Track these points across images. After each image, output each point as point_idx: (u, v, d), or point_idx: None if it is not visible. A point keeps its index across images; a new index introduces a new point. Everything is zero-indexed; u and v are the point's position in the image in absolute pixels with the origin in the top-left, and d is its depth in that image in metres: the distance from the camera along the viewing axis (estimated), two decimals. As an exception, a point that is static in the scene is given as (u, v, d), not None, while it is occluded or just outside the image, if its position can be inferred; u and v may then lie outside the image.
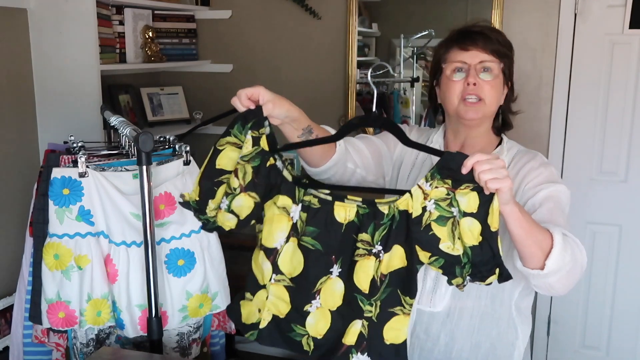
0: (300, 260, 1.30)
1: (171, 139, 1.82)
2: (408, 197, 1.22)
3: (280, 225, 1.30)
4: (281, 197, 1.30)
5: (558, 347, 2.97)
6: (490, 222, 1.15)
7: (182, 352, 1.75)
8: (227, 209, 1.29)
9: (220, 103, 3.17)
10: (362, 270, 1.25)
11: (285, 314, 1.32)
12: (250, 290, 1.36)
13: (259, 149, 1.28)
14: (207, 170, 1.31)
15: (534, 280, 1.26)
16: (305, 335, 1.31)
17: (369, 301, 1.25)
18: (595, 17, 2.64)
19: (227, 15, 3.16)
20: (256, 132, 1.28)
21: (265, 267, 1.32)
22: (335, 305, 1.29)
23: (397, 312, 1.26)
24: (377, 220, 1.25)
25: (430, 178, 1.20)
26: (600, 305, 2.88)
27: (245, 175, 1.27)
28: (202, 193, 1.31)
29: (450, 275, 1.21)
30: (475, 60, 1.43)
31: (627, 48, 2.63)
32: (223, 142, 1.31)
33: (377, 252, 1.24)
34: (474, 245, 1.16)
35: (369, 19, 3.00)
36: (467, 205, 1.16)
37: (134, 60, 2.79)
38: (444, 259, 1.19)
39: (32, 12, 2.35)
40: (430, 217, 1.20)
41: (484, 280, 1.19)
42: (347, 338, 1.27)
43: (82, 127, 2.34)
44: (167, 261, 1.66)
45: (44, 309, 1.61)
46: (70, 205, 1.58)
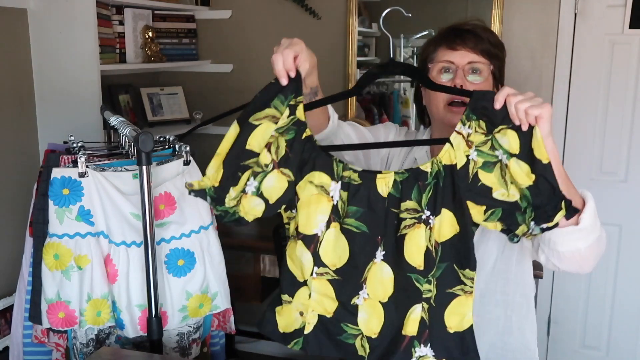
0: (345, 248, 1.14)
1: (171, 139, 1.82)
2: (448, 147, 1.09)
3: (320, 207, 1.12)
4: (317, 174, 1.12)
5: (558, 347, 2.97)
6: (539, 156, 1.03)
7: (182, 352, 1.75)
8: (256, 192, 1.11)
9: (220, 103, 3.18)
10: (412, 242, 1.10)
11: (332, 312, 1.16)
12: (287, 291, 1.18)
13: (294, 119, 1.11)
14: (234, 151, 1.10)
15: (563, 244, 1.14)
16: (358, 335, 1.15)
17: (426, 278, 1.10)
18: (595, 17, 2.64)
19: (227, 15, 3.16)
20: (294, 99, 1.11)
21: (305, 259, 1.15)
22: (386, 296, 1.13)
23: (457, 292, 1.11)
24: (420, 181, 1.10)
25: (466, 120, 1.09)
26: (600, 305, 2.88)
27: (279, 150, 1.10)
28: (223, 178, 1.10)
29: (513, 226, 1.07)
30: (463, 60, 1.36)
31: (627, 48, 2.63)
32: (260, 115, 1.10)
33: (427, 217, 1.10)
34: (529, 186, 1.04)
35: (369, 19, 3.00)
36: (510, 145, 1.05)
37: (134, 60, 2.79)
38: (501, 208, 1.07)
39: (32, 12, 2.35)
40: (476, 165, 1.08)
41: (551, 220, 1.05)
42: (407, 328, 1.11)
43: (82, 127, 2.33)
44: (167, 261, 1.66)
45: (44, 309, 1.61)
46: (70, 205, 1.58)
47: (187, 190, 1.12)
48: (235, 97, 3.14)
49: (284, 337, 1.20)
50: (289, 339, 1.19)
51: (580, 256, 1.16)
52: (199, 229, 1.70)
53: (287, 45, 1.11)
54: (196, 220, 1.69)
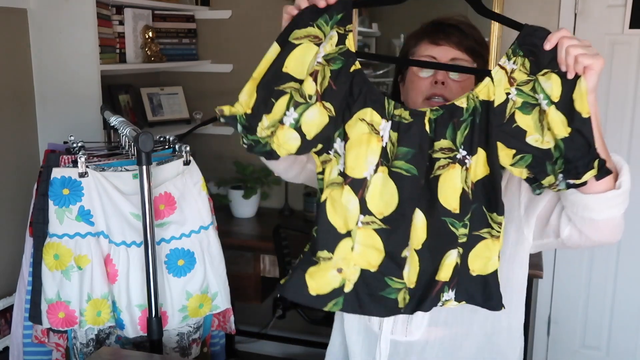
0: (394, 194, 1.03)
1: (171, 139, 1.82)
2: (488, 82, 1.01)
3: (370, 147, 1.03)
4: (370, 111, 1.03)
5: (558, 347, 2.97)
6: (579, 108, 0.96)
7: (182, 352, 1.75)
8: (295, 125, 1.01)
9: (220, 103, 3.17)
10: (447, 184, 1.02)
11: (377, 266, 1.05)
12: (325, 247, 1.05)
13: (344, 49, 1.02)
14: (269, 74, 1.01)
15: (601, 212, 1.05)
16: (402, 288, 1.06)
17: (462, 222, 1.03)
18: (595, 17, 2.64)
19: (227, 15, 3.16)
20: (342, 28, 1.02)
21: (351, 207, 1.03)
22: (420, 243, 1.04)
23: (484, 235, 1.05)
24: (455, 118, 1.02)
25: (512, 54, 1.00)
26: (600, 305, 2.88)
27: (324, 80, 1.01)
28: (256, 104, 1.01)
29: (540, 175, 1.00)
30: (446, 56, 1.27)
31: (627, 48, 2.63)
32: (300, 34, 1.01)
33: (462, 157, 1.02)
34: (564, 138, 0.97)
35: (369, 19, 3.00)
36: (552, 90, 0.97)
37: (134, 60, 2.79)
38: (531, 155, 1.00)
39: (32, 12, 2.35)
40: (514, 105, 1.00)
41: (580, 178, 0.97)
42: (441, 273, 1.04)
43: (82, 127, 2.34)
44: (167, 261, 1.66)
45: (44, 309, 1.61)
46: (70, 205, 1.58)
47: (217, 115, 1.04)
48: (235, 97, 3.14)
49: (318, 299, 1.07)
50: (326, 301, 1.06)
51: (615, 224, 1.11)
52: (199, 229, 1.70)
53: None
54: (196, 220, 1.69)
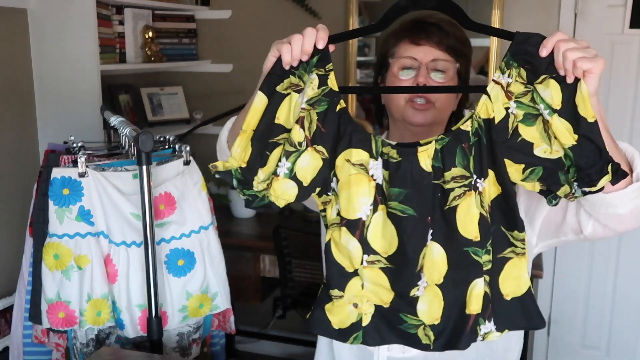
0: (393, 233, 1.02)
1: (171, 139, 1.82)
2: (485, 99, 0.98)
3: (360, 188, 1.01)
4: (355, 151, 1.01)
5: (558, 347, 2.98)
6: (584, 113, 0.92)
7: (182, 352, 1.75)
8: (289, 174, 1.01)
9: (220, 103, 3.18)
10: (465, 212, 0.99)
11: (389, 302, 1.05)
12: (336, 286, 1.05)
13: (327, 89, 1.00)
14: (262, 127, 0.99)
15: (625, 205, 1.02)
16: (420, 325, 1.05)
17: (484, 249, 1.00)
18: (595, 17, 2.64)
19: (227, 15, 3.16)
20: (322, 69, 1.00)
21: (352, 247, 1.02)
22: (441, 276, 1.02)
23: (509, 255, 1.01)
24: (463, 143, 0.99)
25: (505, 67, 0.97)
26: (600, 305, 2.88)
27: (311, 124, 0.99)
28: (251, 158, 1.00)
29: (554, 186, 0.97)
30: (427, 57, 1.23)
31: (627, 48, 2.64)
32: (286, 84, 1.00)
33: (474, 182, 0.99)
34: (573, 145, 0.93)
35: (369, 19, 3.00)
36: (552, 98, 0.94)
37: (134, 60, 2.79)
38: (542, 167, 0.96)
39: (32, 12, 2.35)
40: (516, 119, 0.96)
41: (595, 185, 0.94)
42: (471, 306, 1.01)
43: (82, 127, 2.34)
44: (167, 261, 1.66)
45: (44, 309, 1.61)
46: (70, 205, 1.58)
47: (212, 171, 1.03)
48: (235, 97, 3.15)
49: (340, 334, 1.07)
50: (347, 335, 1.07)
51: (639, 211, 1.06)
52: (199, 229, 1.70)
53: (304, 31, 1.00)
54: (196, 220, 1.69)
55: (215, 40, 3.20)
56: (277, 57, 1.00)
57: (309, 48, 0.98)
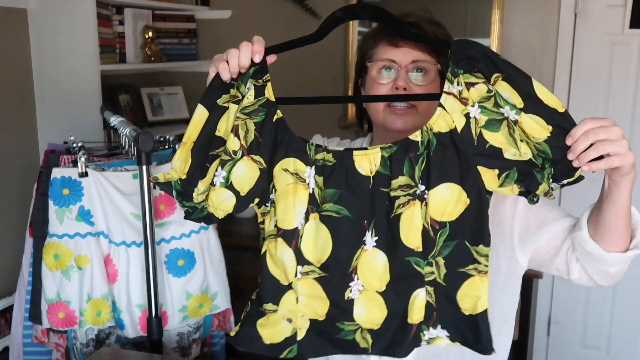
0: (327, 238, 1.01)
1: (171, 139, 1.82)
2: (441, 112, 0.97)
3: (297, 197, 1.01)
4: (292, 160, 1.01)
5: (558, 347, 2.98)
6: (553, 105, 0.94)
7: (182, 352, 1.75)
8: (225, 184, 1.01)
9: (220, 103, 3.18)
10: (408, 222, 0.99)
11: (325, 314, 1.04)
12: (270, 300, 1.05)
13: (263, 100, 1.01)
14: (202, 139, 1.01)
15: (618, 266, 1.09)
16: (357, 329, 1.04)
17: (426, 260, 1.00)
18: (595, 17, 2.64)
19: (227, 15, 3.16)
20: (260, 80, 1.01)
21: (286, 259, 1.03)
22: (383, 284, 1.02)
23: (470, 272, 1.01)
24: (411, 153, 0.99)
25: (452, 76, 0.97)
26: (600, 305, 2.88)
27: (248, 134, 1.00)
28: (191, 170, 1.01)
29: (532, 186, 0.97)
30: (406, 59, 1.19)
31: (627, 48, 2.64)
32: (226, 97, 1.02)
33: (421, 193, 0.99)
34: (547, 138, 0.94)
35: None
36: (513, 99, 0.94)
37: (134, 60, 2.79)
38: (515, 169, 0.96)
39: (32, 12, 2.35)
40: (478, 124, 0.96)
41: (573, 176, 0.96)
42: (412, 316, 1.02)
43: (82, 127, 2.33)
44: (167, 261, 1.66)
45: (44, 309, 1.61)
46: (70, 205, 1.58)
47: (152, 183, 1.04)
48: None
49: (271, 348, 1.06)
50: (281, 349, 1.06)
51: (623, 273, 1.15)
52: (199, 229, 1.70)
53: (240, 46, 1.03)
54: (196, 220, 1.69)
55: (215, 40, 3.20)
56: (216, 72, 1.03)
57: (246, 62, 1.00)
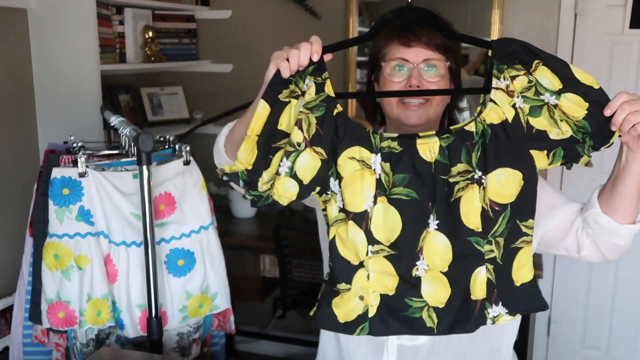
0: (396, 219, 1.09)
1: (171, 139, 1.82)
2: (492, 106, 1.09)
3: (365, 182, 1.09)
4: (358, 149, 1.09)
5: (558, 347, 2.98)
6: (588, 82, 1.08)
7: (182, 352, 1.75)
8: (290, 173, 1.08)
9: (220, 103, 3.18)
10: (467, 204, 1.08)
11: (394, 289, 1.11)
12: (343, 279, 1.12)
13: (323, 96, 1.08)
14: (267, 132, 1.07)
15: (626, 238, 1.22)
16: (424, 306, 1.11)
17: (486, 239, 1.09)
18: (595, 17, 2.64)
19: (227, 15, 3.16)
20: (319, 77, 1.08)
21: (358, 240, 1.10)
22: (446, 265, 1.10)
23: (520, 245, 1.11)
24: (467, 142, 1.09)
25: (498, 72, 1.09)
26: (600, 305, 2.88)
27: (310, 127, 1.07)
28: (256, 161, 1.07)
29: (575, 159, 1.11)
30: (418, 58, 1.27)
31: (627, 48, 2.64)
32: (287, 92, 1.08)
33: (479, 177, 1.08)
34: (585, 115, 1.07)
35: (369, 19, 3.01)
36: (552, 83, 1.07)
37: (134, 60, 2.79)
38: (561, 147, 1.09)
39: (32, 12, 2.35)
40: (524, 113, 1.08)
41: (608, 142, 1.10)
42: (475, 292, 1.10)
43: (82, 127, 2.33)
44: (167, 261, 1.66)
45: (44, 309, 1.61)
46: (70, 205, 1.58)
47: (219, 174, 1.10)
48: (235, 97, 3.14)
49: (346, 327, 1.13)
50: (354, 327, 1.12)
51: (629, 246, 1.26)
52: (199, 229, 1.70)
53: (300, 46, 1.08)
54: (196, 220, 1.70)
55: (215, 40, 3.20)
56: (276, 69, 1.08)
57: (305, 61, 1.07)
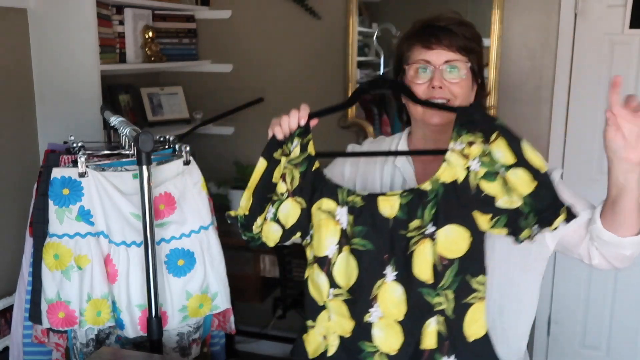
0: (354, 266, 1.21)
1: (171, 139, 1.82)
2: (446, 165, 1.16)
3: (328, 231, 1.23)
4: (325, 201, 1.24)
5: (558, 347, 2.98)
6: (537, 165, 1.10)
7: (182, 352, 1.75)
8: (273, 218, 1.27)
9: (220, 103, 3.18)
10: (419, 257, 1.17)
11: (350, 332, 1.22)
12: (310, 317, 1.27)
13: (306, 154, 1.26)
14: (263, 183, 1.27)
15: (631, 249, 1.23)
16: (375, 351, 1.21)
17: (436, 291, 1.16)
18: (595, 17, 2.64)
19: (227, 15, 3.16)
20: (304, 139, 1.26)
21: (321, 282, 1.24)
22: (402, 314, 1.19)
23: (471, 301, 1.17)
24: (422, 200, 1.17)
25: (457, 135, 1.15)
26: (600, 305, 2.88)
27: (293, 180, 1.25)
28: (252, 207, 1.28)
29: (517, 231, 1.13)
30: (440, 59, 1.33)
31: (627, 48, 2.63)
32: (280, 152, 1.27)
33: (431, 233, 1.16)
34: (531, 192, 1.11)
35: (369, 19, 3.00)
36: (505, 157, 1.12)
37: (134, 60, 2.79)
38: (505, 215, 1.13)
39: (32, 12, 2.35)
40: (477, 176, 1.14)
41: (552, 224, 1.12)
42: (425, 342, 1.18)
43: (82, 127, 2.34)
44: (167, 261, 1.66)
45: (44, 309, 1.61)
46: (70, 205, 1.58)
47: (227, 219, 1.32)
48: (235, 97, 3.14)
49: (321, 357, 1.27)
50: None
51: (638, 253, 1.26)
52: (199, 229, 1.70)
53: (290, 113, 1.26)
54: (196, 220, 1.70)
55: (215, 40, 3.20)
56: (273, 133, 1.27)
57: (294, 126, 1.26)
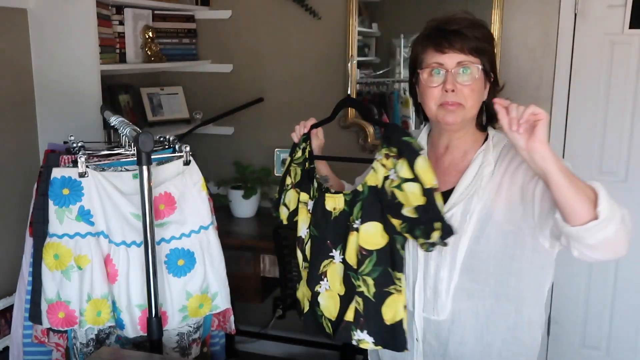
0: (309, 247, 1.50)
1: (171, 139, 1.82)
2: (372, 171, 1.38)
3: (302, 217, 1.52)
4: (302, 194, 1.52)
5: (558, 347, 2.98)
6: (425, 182, 1.27)
7: (182, 352, 1.75)
8: (282, 202, 1.59)
9: (220, 103, 3.18)
10: (349, 246, 1.41)
11: (310, 297, 1.48)
12: (298, 281, 1.59)
13: (304, 156, 1.55)
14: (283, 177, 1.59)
15: (591, 237, 1.19)
16: (321, 315, 1.48)
17: (357, 276, 1.39)
18: (595, 17, 2.64)
19: (227, 15, 3.16)
20: (306, 144, 1.55)
21: (299, 256, 1.54)
22: (343, 290, 1.44)
23: (391, 291, 1.38)
24: (356, 199, 1.41)
25: (380, 148, 1.36)
26: (600, 305, 2.88)
27: (296, 176, 1.55)
28: (278, 193, 1.62)
29: (415, 239, 1.34)
30: (452, 62, 1.38)
31: (627, 48, 2.63)
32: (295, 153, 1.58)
33: (357, 227, 1.39)
34: (419, 205, 1.29)
35: (369, 19, 3.00)
36: (404, 172, 1.30)
37: (134, 60, 2.79)
38: (407, 223, 1.32)
39: (32, 12, 2.35)
40: (392, 184, 1.33)
41: (429, 238, 1.30)
42: (347, 314, 1.42)
43: (82, 127, 2.34)
44: (167, 261, 1.66)
45: (44, 309, 1.61)
46: (70, 205, 1.58)
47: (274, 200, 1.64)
48: (235, 97, 3.15)
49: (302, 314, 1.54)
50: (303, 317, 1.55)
51: (611, 242, 1.21)
52: (199, 229, 1.70)
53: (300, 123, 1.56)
54: (196, 220, 1.70)
55: (215, 40, 3.20)
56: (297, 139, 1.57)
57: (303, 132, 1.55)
